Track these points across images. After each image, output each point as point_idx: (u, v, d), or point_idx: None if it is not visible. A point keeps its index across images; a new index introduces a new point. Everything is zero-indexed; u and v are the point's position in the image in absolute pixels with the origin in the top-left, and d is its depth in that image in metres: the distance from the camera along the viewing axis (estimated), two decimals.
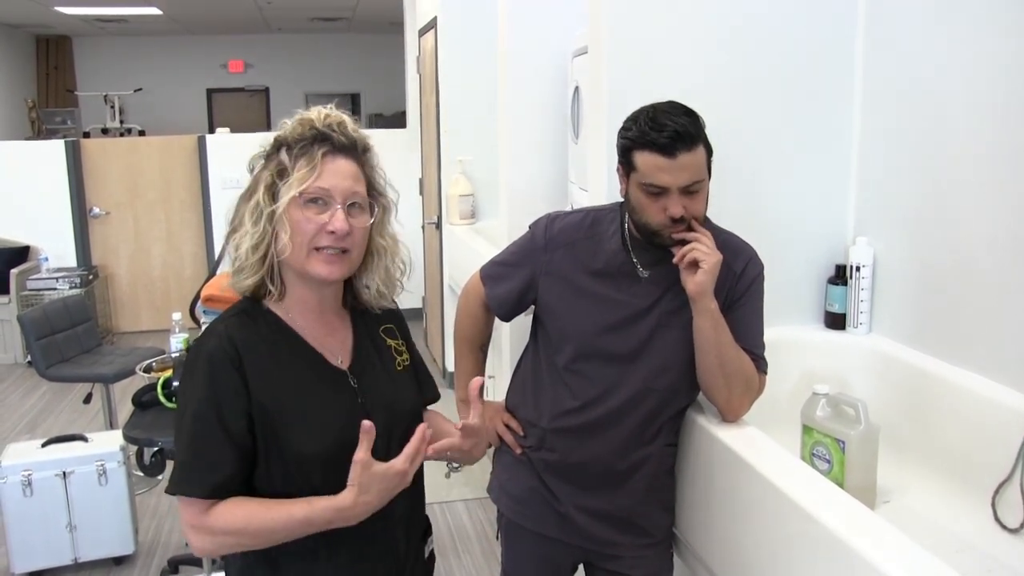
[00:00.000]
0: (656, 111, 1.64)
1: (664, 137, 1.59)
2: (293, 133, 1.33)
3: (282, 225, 1.30)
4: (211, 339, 1.33)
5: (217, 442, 1.28)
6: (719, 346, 1.69)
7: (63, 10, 8.51)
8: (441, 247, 5.29)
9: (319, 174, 1.31)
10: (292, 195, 1.29)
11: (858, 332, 2.30)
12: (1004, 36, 1.86)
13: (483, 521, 3.66)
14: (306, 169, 1.30)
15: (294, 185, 1.29)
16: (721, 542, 1.76)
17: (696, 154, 1.62)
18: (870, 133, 2.29)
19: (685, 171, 1.61)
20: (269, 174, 1.33)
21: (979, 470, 1.79)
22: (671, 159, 1.60)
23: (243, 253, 1.33)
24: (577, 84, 2.88)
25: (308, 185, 1.30)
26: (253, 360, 1.31)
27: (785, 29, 2.24)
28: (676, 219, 1.64)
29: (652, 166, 1.62)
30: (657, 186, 1.63)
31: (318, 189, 1.30)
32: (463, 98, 4.84)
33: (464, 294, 2.00)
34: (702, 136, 1.64)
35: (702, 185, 1.65)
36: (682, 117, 1.62)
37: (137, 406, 2.93)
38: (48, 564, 3.24)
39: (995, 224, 1.90)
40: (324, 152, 1.32)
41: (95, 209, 6.82)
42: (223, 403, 1.28)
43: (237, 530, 1.28)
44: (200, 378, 1.30)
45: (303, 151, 1.32)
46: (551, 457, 1.85)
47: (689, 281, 1.65)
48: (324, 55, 11.11)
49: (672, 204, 1.63)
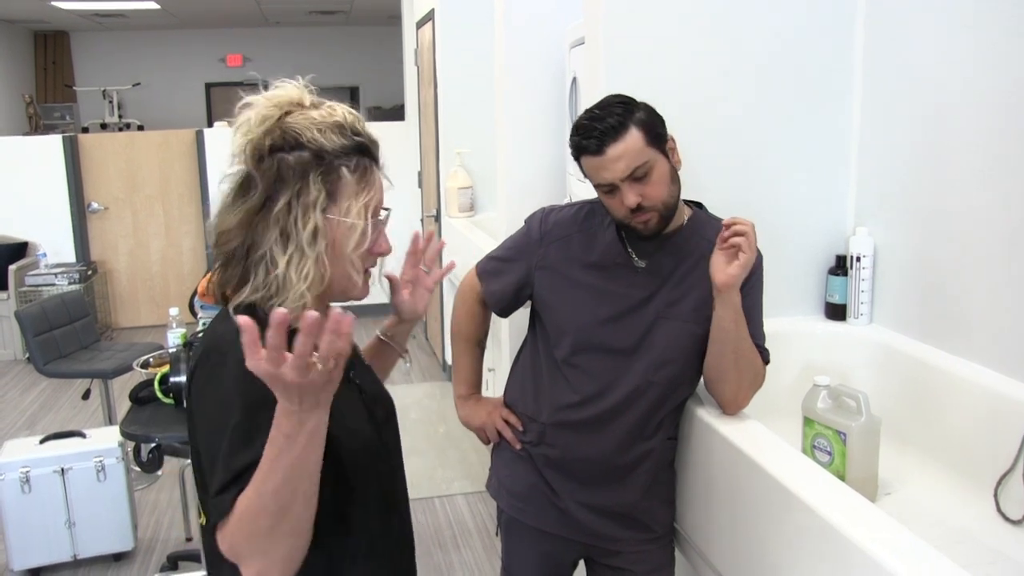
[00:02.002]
0: (586, 114, 1.65)
1: (590, 141, 1.62)
2: (333, 143, 1.19)
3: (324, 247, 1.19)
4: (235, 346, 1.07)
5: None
6: (738, 340, 1.68)
7: (61, 5, 8.47)
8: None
9: (376, 190, 1.23)
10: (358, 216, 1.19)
11: (859, 323, 2.29)
12: (1004, 26, 1.84)
13: (483, 515, 3.66)
14: (367, 191, 1.21)
15: (358, 204, 1.19)
16: (722, 536, 1.75)
17: (626, 141, 1.60)
18: (870, 123, 2.27)
19: (619, 161, 1.61)
20: (318, 190, 1.18)
21: (981, 461, 1.77)
22: (602, 156, 1.61)
23: (291, 277, 1.17)
24: (575, 75, 2.86)
25: (373, 202, 1.21)
26: None
27: (785, 20, 2.22)
28: (635, 208, 1.63)
29: (591, 169, 1.65)
30: (603, 184, 1.65)
31: (375, 210, 1.23)
32: (461, 90, 4.82)
33: (461, 291, 1.99)
34: (632, 121, 1.61)
35: (649, 168, 1.62)
36: (608, 111, 1.62)
37: (134, 402, 2.91)
38: (47, 561, 3.24)
39: (996, 213, 1.88)
40: (371, 165, 1.23)
41: (93, 204, 6.80)
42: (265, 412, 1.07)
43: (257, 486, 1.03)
44: (237, 387, 1.09)
45: (358, 166, 1.21)
46: (551, 452, 1.84)
47: (720, 272, 1.62)
48: (322, 48, 11.07)
49: (624, 195, 1.63)
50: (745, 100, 2.24)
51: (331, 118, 1.21)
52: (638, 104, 1.66)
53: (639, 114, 1.63)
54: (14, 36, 10.05)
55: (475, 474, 4.01)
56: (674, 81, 2.16)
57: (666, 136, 1.67)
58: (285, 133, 1.19)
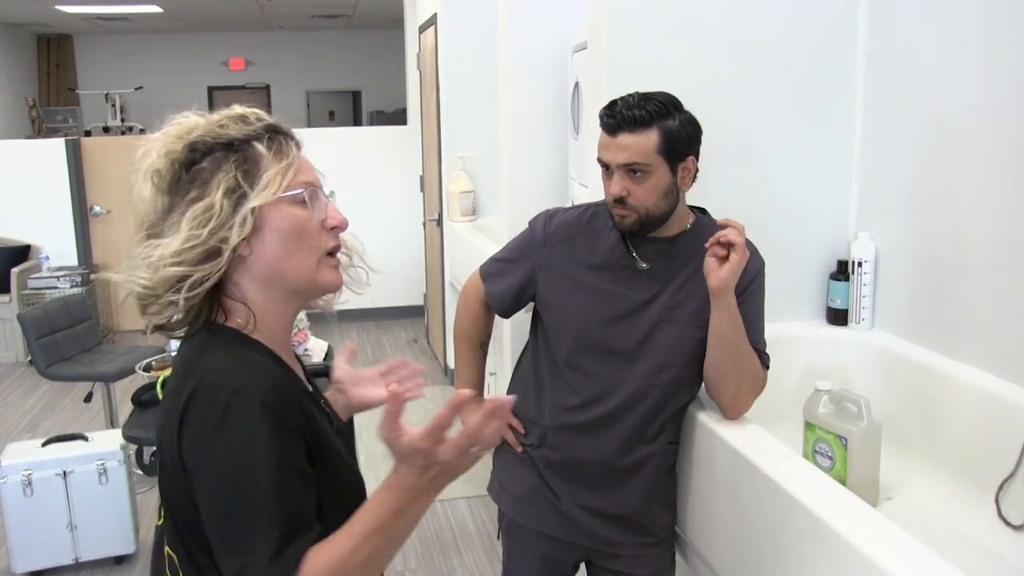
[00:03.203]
0: (628, 95, 1.68)
1: (609, 116, 1.65)
2: (240, 131, 1.11)
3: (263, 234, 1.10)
4: (242, 380, 1.04)
5: (308, 497, 1.04)
6: (735, 343, 1.68)
7: (64, 9, 8.50)
8: (442, 244, 5.28)
9: (298, 168, 1.13)
10: (277, 195, 1.09)
11: (860, 328, 2.29)
12: (1007, 30, 1.85)
13: (485, 519, 3.65)
14: (286, 162, 1.11)
15: (275, 184, 1.09)
16: (723, 540, 1.75)
17: (641, 137, 1.62)
18: (872, 129, 2.27)
19: (624, 151, 1.64)
20: (231, 177, 1.09)
21: (982, 467, 1.77)
22: (612, 137, 1.65)
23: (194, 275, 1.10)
24: (577, 80, 2.87)
25: (291, 181, 1.11)
26: (289, 398, 1.08)
27: (787, 23, 2.23)
28: (616, 198, 1.67)
29: (600, 144, 1.69)
30: (602, 162, 1.69)
31: (302, 183, 1.12)
32: (463, 94, 4.83)
33: (464, 293, 2.00)
34: (657, 123, 1.63)
35: (647, 170, 1.64)
36: (640, 104, 1.64)
37: (137, 405, 2.92)
38: (49, 564, 3.24)
39: (997, 219, 1.89)
40: (287, 140, 1.14)
41: (96, 208, 6.81)
42: (296, 452, 1.04)
43: (346, 558, 1.00)
44: (261, 429, 1.01)
45: (271, 144, 1.12)
46: (552, 455, 1.84)
47: (712, 276, 1.63)
48: (325, 52, 11.09)
49: (612, 182, 1.67)
50: (747, 105, 2.24)
51: (232, 112, 1.14)
52: (682, 113, 1.67)
53: (671, 122, 1.64)
54: (17, 39, 10.07)
55: (476, 478, 3.99)
56: (676, 86, 2.15)
57: (685, 156, 1.68)
58: (192, 146, 1.12)
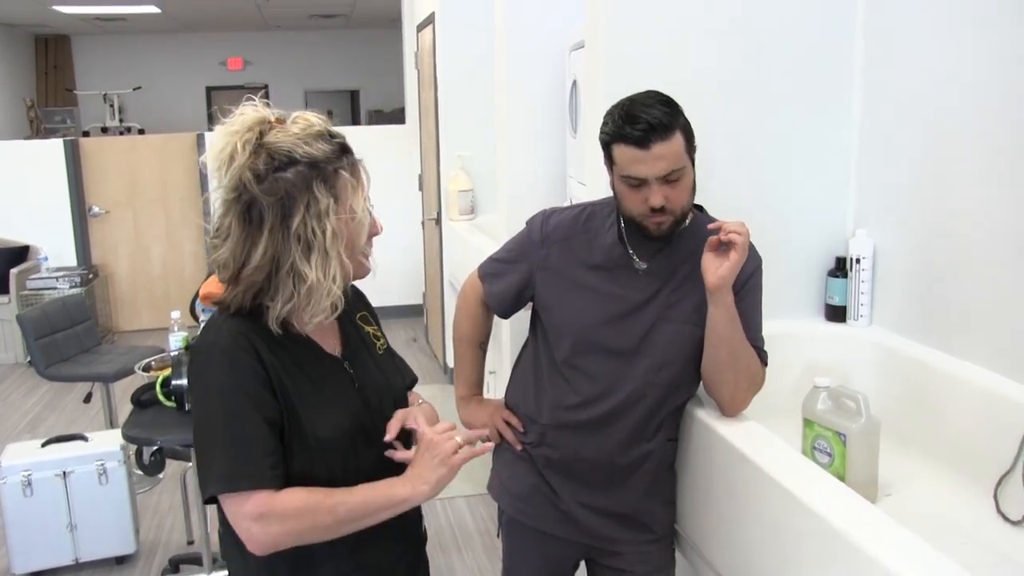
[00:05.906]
0: (632, 103, 1.64)
1: (637, 130, 1.60)
2: (323, 152, 1.29)
3: None
4: (219, 334, 1.31)
5: (259, 427, 1.26)
6: (732, 340, 1.68)
7: (62, 9, 8.49)
8: (441, 243, 5.28)
9: (366, 181, 1.35)
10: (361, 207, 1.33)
11: (858, 325, 2.29)
12: (1005, 28, 1.85)
13: (485, 517, 3.66)
14: (360, 179, 1.34)
15: (360, 199, 1.32)
16: (722, 537, 1.75)
17: (671, 143, 1.61)
18: (870, 125, 2.28)
19: (661, 161, 1.61)
20: (327, 197, 1.28)
21: (981, 462, 1.78)
22: (646, 151, 1.60)
23: (320, 280, 1.29)
24: (575, 78, 2.87)
25: (367, 193, 1.35)
26: (264, 349, 1.31)
27: (784, 22, 2.23)
28: (656, 208, 1.64)
29: (629, 159, 1.63)
30: (636, 178, 1.64)
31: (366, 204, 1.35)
32: (462, 93, 4.83)
33: (463, 293, 2.00)
34: (678, 124, 1.63)
35: (682, 173, 1.64)
36: (656, 107, 1.61)
37: (136, 405, 2.92)
38: (49, 564, 3.24)
39: (996, 215, 1.89)
40: (356, 160, 1.35)
41: (94, 208, 6.81)
42: (252, 389, 1.28)
43: (310, 508, 1.26)
44: (221, 369, 1.28)
45: (349, 164, 1.32)
46: (552, 454, 1.84)
47: (710, 274, 1.63)
48: (323, 52, 11.09)
49: (652, 194, 1.63)
50: (745, 103, 2.24)
51: (312, 129, 1.30)
52: (680, 108, 1.66)
53: (683, 119, 1.65)
54: (15, 40, 10.07)
55: (476, 476, 3.98)
56: (674, 84, 2.15)
57: (696, 146, 1.69)
58: (273, 153, 1.26)
